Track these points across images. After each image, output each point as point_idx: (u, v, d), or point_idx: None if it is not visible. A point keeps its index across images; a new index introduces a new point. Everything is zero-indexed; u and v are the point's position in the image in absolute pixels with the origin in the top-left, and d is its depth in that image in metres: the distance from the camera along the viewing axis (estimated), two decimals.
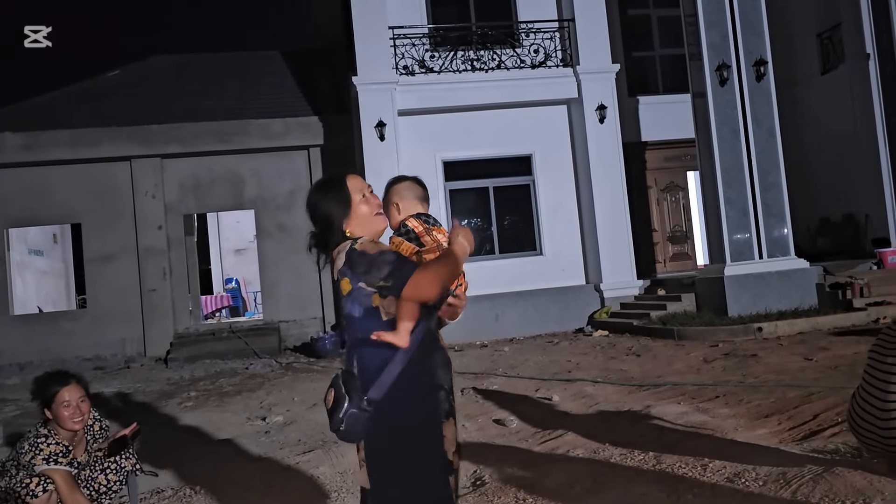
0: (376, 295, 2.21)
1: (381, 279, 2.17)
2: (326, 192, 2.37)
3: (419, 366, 2.23)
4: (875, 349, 3.57)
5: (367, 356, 2.23)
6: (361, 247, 2.23)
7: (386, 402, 2.18)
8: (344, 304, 2.29)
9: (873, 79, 12.92)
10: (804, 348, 8.35)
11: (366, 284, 2.20)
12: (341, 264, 2.25)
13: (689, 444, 4.55)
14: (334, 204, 2.33)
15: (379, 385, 2.18)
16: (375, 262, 2.18)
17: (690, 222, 14.84)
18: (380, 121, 12.19)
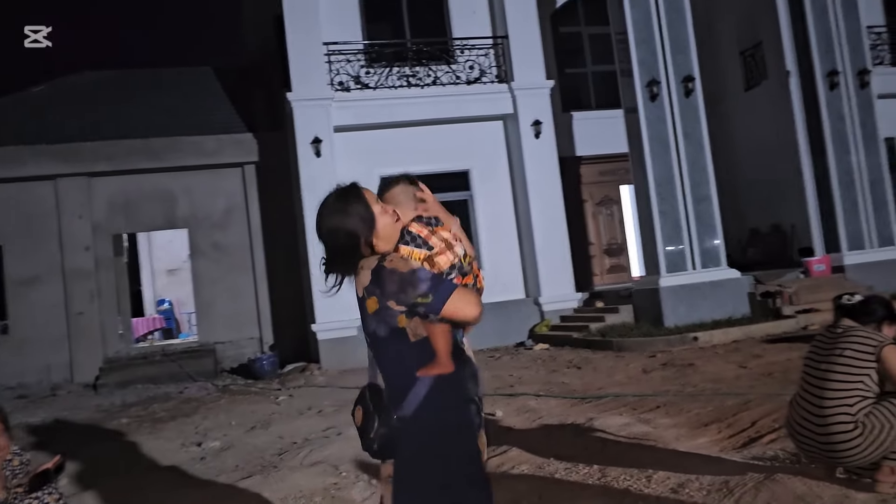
0: (402, 316, 2.13)
1: (419, 296, 2.08)
2: (347, 210, 2.21)
3: (449, 379, 2.16)
4: (809, 356, 3.66)
5: (396, 372, 2.18)
6: (391, 264, 2.13)
7: (419, 418, 2.12)
8: (368, 322, 2.19)
9: (794, 95, 13.46)
10: (739, 356, 8.57)
11: (395, 304, 2.11)
12: (367, 282, 2.15)
13: (633, 455, 4.57)
14: (359, 222, 2.19)
15: (410, 401, 2.12)
16: (410, 279, 2.10)
17: (625, 235, 15.14)
18: (316, 137, 12.03)
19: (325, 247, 2.24)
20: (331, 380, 10.64)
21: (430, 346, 2.15)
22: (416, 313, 2.12)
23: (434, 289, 2.08)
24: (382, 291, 2.11)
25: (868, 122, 13.18)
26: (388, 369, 2.21)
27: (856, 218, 12.89)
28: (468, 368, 2.24)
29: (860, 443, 3.31)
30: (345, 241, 2.19)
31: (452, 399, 2.17)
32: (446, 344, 2.15)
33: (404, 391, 2.13)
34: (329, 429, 6.68)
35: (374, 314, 2.15)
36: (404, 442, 2.13)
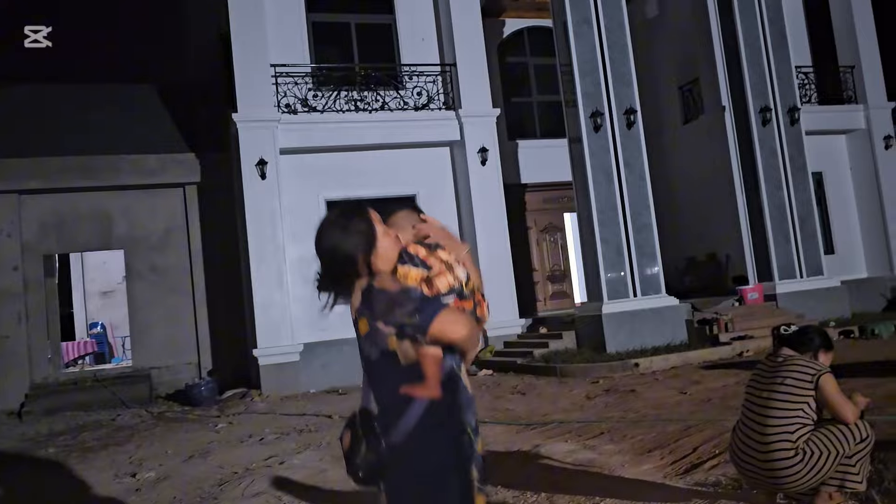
0: (393, 338, 2.07)
1: (407, 315, 2.04)
2: (349, 227, 2.16)
3: (441, 406, 2.10)
4: (751, 384, 3.75)
5: (387, 396, 2.12)
6: (381, 284, 2.10)
7: (409, 447, 2.06)
8: (362, 344, 2.15)
9: (729, 129, 13.99)
10: (678, 382, 8.74)
11: (385, 324, 2.06)
12: (358, 303, 2.11)
13: (580, 482, 4.60)
14: (360, 240, 2.15)
15: (400, 428, 2.06)
16: (398, 299, 2.05)
17: (568, 262, 15.38)
18: (261, 159, 11.88)
19: (322, 263, 2.19)
20: (272, 406, 10.41)
21: (420, 370, 2.09)
22: (405, 335, 2.06)
23: (422, 308, 2.05)
24: (372, 312, 2.07)
25: (797, 157, 13.77)
26: (379, 393, 2.16)
27: (787, 248, 13.40)
28: (462, 396, 2.18)
29: (800, 469, 3.40)
30: (343, 258, 2.14)
31: (445, 427, 2.12)
32: (435, 368, 2.09)
33: (395, 417, 2.08)
34: (271, 457, 6.52)
35: (366, 336, 2.11)
36: (393, 470, 2.08)
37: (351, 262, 2.14)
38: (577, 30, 12.15)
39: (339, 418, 8.54)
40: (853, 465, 3.45)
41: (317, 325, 12.25)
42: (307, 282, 10.77)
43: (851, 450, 3.44)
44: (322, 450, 6.69)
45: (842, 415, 3.46)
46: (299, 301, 12.20)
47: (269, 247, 11.85)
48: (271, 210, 11.93)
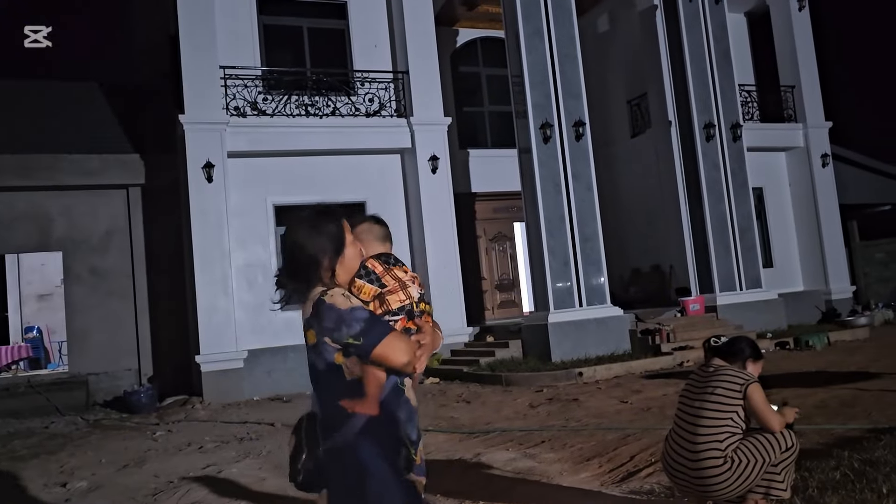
0: (339, 353, 2.09)
1: (351, 336, 2.05)
2: (320, 227, 2.16)
3: (381, 421, 2.13)
4: (683, 394, 3.84)
5: (329, 407, 2.14)
6: (331, 300, 2.08)
7: (347, 457, 2.10)
8: (309, 353, 2.17)
9: (674, 143, 14.33)
10: (620, 391, 8.88)
11: (331, 341, 2.07)
12: (308, 314, 2.12)
13: (519, 490, 4.63)
14: (328, 242, 2.16)
15: (338, 439, 2.11)
16: (345, 318, 2.05)
17: (517, 271, 15.50)
18: (208, 162, 11.68)
19: (285, 259, 2.19)
20: (213, 414, 10.21)
21: (363, 386, 2.12)
22: (350, 353, 2.09)
23: (367, 331, 2.05)
24: (320, 327, 2.09)
25: (739, 172, 14.18)
26: (323, 402, 2.18)
27: (728, 261, 13.77)
28: (403, 410, 2.21)
29: (728, 477, 3.49)
30: (308, 258, 2.14)
31: (383, 438, 2.14)
32: (376, 388, 2.12)
33: (336, 427, 2.12)
34: (209, 466, 6.39)
35: (313, 347, 2.13)
36: (332, 478, 2.13)
37: (315, 263, 2.14)
38: (528, 42, 12.30)
39: (281, 426, 8.43)
40: (779, 473, 3.56)
41: (262, 331, 12.11)
42: (252, 287, 10.63)
43: (777, 458, 3.54)
44: (262, 458, 6.59)
45: (768, 424, 3.57)
46: (244, 307, 12.03)
47: (214, 251, 11.64)
48: (217, 214, 11.73)
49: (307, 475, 2.12)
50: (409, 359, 2.10)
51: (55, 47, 12.43)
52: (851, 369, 8.88)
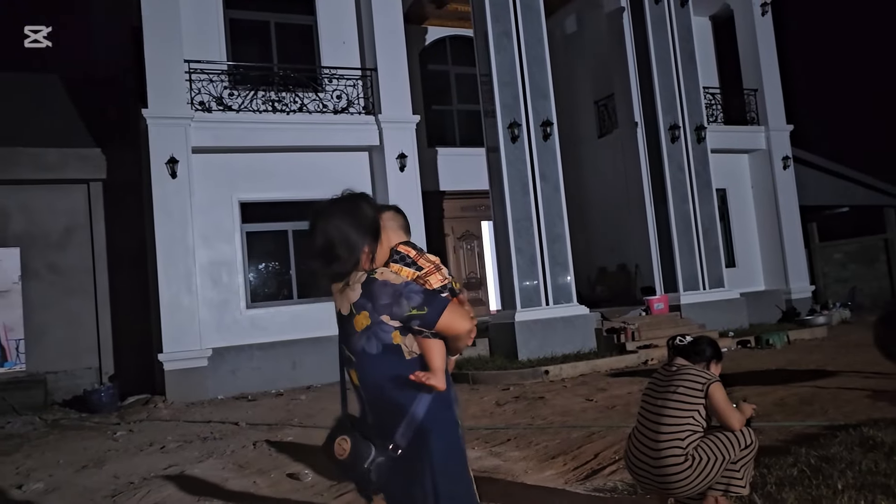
0: (397, 332, 2.07)
1: (414, 307, 2.05)
2: (363, 213, 2.15)
3: (442, 401, 2.12)
4: (647, 392, 3.88)
5: (388, 391, 2.09)
6: (383, 277, 2.09)
7: (414, 445, 2.06)
8: (356, 341, 2.10)
9: (640, 144, 14.50)
10: (586, 389, 8.96)
11: (390, 317, 2.06)
12: (356, 297, 2.09)
13: (484, 489, 4.59)
14: (370, 228, 2.14)
15: (405, 428, 2.06)
16: (403, 292, 2.06)
17: (485, 269, 15.54)
18: (172, 157, 11.49)
19: (324, 244, 2.10)
20: (176, 413, 10.06)
21: (424, 364, 2.09)
22: (410, 329, 2.07)
23: (429, 301, 2.06)
24: (375, 305, 2.07)
25: (703, 173, 14.41)
26: (378, 389, 2.11)
27: (691, 261, 13.98)
28: (453, 390, 2.22)
29: (689, 474, 3.54)
30: (353, 242, 2.10)
31: (447, 423, 2.13)
32: (442, 360, 2.11)
33: (398, 414, 2.06)
34: (171, 466, 6.29)
35: (364, 330, 2.08)
36: (405, 466, 2.06)
37: (359, 247, 2.11)
38: (497, 42, 12.33)
39: (246, 425, 8.35)
40: (738, 471, 3.62)
41: (227, 329, 11.97)
42: (217, 285, 10.49)
43: (737, 455, 3.60)
44: (226, 458, 6.51)
45: (729, 422, 3.63)
46: (209, 305, 11.87)
47: (178, 248, 11.46)
48: (181, 210, 11.55)
49: (379, 472, 2.03)
50: (471, 325, 2.13)
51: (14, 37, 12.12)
52: (810, 367, 9.07)
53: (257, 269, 12.83)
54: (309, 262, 2.16)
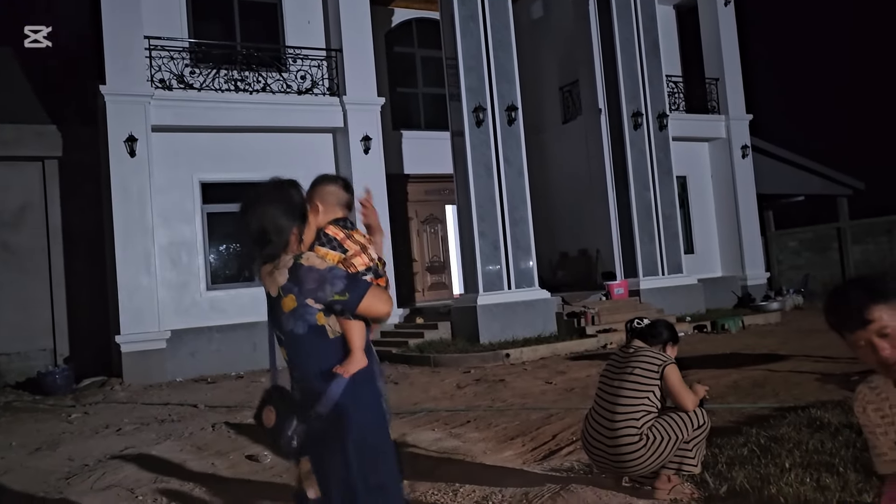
0: (321, 314, 2.20)
1: (336, 293, 2.17)
2: (288, 198, 2.29)
3: (364, 375, 2.25)
4: (604, 374, 3.96)
5: (313, 368, 2.22)
6: (308, 262, 2.20)
7: (338, 414, 2.18)
8: (285, 321, 2.23)
9: (603, 131, 14.62)
10: (545, 372, 9.07)
11: (314, 301, 2.18)
12: (284, 280, 2.20)
13: (443, 469, 4.68)
14: (296, 213, 2.27)
15: (329, 397, 2.18)
16: (327, 277, 2.18)
17: (448, 253, 15.58)
18: (130, 135, 11.25)
19: (253, 231, 2.24)
20: (134, 396, 9.93)
21: (345, 342, 2.23)
22: (333, 311, 2.19)
23: (351, 287, 2.19)
24: (300, 289, 2.18)
25: (664, 160, 14.60)
26: (304, 366, 2.25)
27: (651, 247, 14.20)
28: (376, 364, 2.38)
29: (643, 453, 3.62)
30: (278, 227, 2.22)
31: (368, 394, 2.26)
32: (361, 340, 2.24)
33: (321, 387, 2.19)
34: (127, 449, 6.22)
35: (291, 312, 2.20)
36: (325, 437, 2.19)
37: (283, 232, 2.23)
38: (463, 25, 12.29)
39: (205, 407, 8.28)
40: (690, 450, 3.71)
41: (186, 311, 11.82)
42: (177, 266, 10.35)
43: (689, 435, 3.70)
44: (184, 440, 6.46)
45: (682, 403, 3.72)
46: (168, 286, 11.70)
47: (136, 228, 11.26)
48: (140, 190, 11.33)
49: (299, 440, 2.17)
50: (391, 307, 2.29)
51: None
52: (763, 351, 9.30)
53: (218, 251, 12.66)
54: (242, 246, 2.32)
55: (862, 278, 2.14)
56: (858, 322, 2.05)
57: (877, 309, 2.03)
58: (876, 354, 2.07)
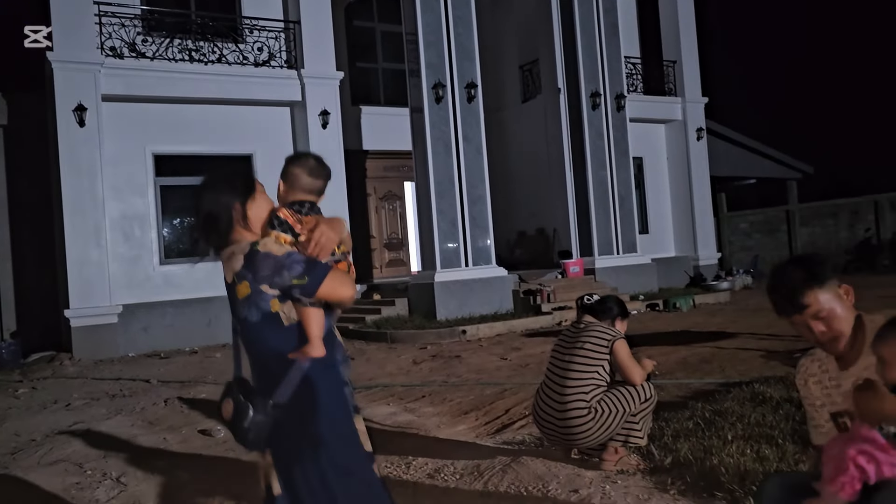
0: (275, 300, 2.13)
1: (295, 278, 2.10)
2: (230, 179, 2.26)
3: (323, 363, 2.18)
4: (556, 348, 4.02)
5: (269, 357, 2.18)
6: (265, 248, 2.13)
7: (295, 404, 2.13)
8: (240, 308, 2.17)
9: (562, 110, 14.69)
10: (501, 349, 9.18)
11: (269, 287, 2.11)
12: (238, 267, 2.14)
13: (396, 443, 4.72)
14: (239, 191, 2.22)
15: (285, 387, 2.13)
16: (284, 263, 2.11)
17: (406, 230, 15.56)
18: (80, 104, 10.92)
19: (199, 213, 2.23)
20: (84, 371, 9.75)
21: (303, 330, 2.16)
22: (291, 296, 2.13)
23: (310, 271, 2.11)
24: (255, 275, 2.11)
25: (621, 141, 14.77)
26: (260, 355, 2.20)
27: (607, 226, 14.39)
28: (339, 352, 2.28)
29: (592, 426, 3.71)
30: (221, 207, 2.19)
31: (327, 383, 2.19)
32: (319, 327, 2.17)
33: (278, 377, 2.13)
34: (76, 424, 6.12)
35: (245, 299, 2.15)
36: (283, 428, 2.14)
37: (227, 211, 2.18)
38: (424, 0, 12.18)
39: (157, 383, 8.18)
40: (637, 423, 3.81)
41: (139, 286, 11.61)
42: (129, 240, 10.14)
43: (637, 408, 3.79)
44: (135, 415, 6.39)
45: (630, 377, 3.81)
46: (119, 260, 11.47)
47: (86, 200, 10.97)
48: (90, 161, 11.03)
49: (258, 430, 2.11)
50: (353, 291, 2.21)
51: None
52: (712, 329, 9.55)
53: (172, 225, 12.44)
54: (192, 234, 2.28)
55: (800, 260, 2.23)
56: (796, 307, 2.14)
57: (811, 294, 2.12)
58: (813, 334, 2.17)
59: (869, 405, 1.95)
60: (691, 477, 3.50)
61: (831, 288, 2.13)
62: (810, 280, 2.11)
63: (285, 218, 2.33)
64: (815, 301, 2.11)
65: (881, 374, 2.03)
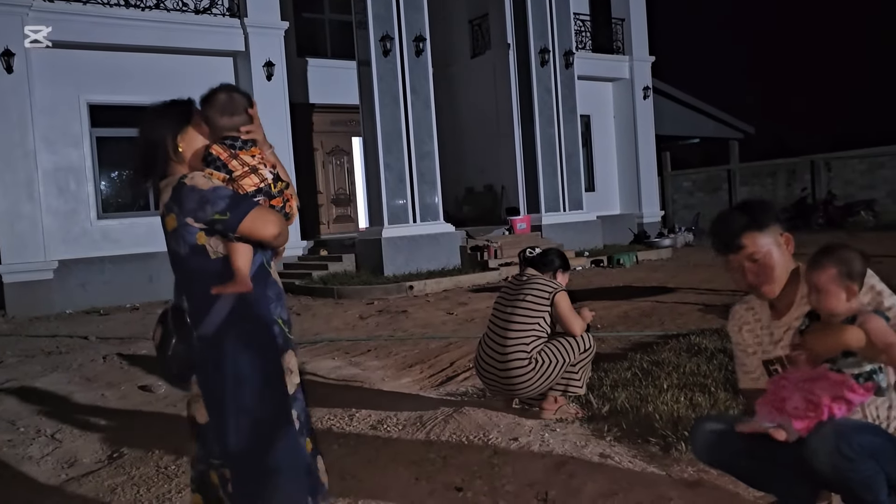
0: (202, 233, 2.13)
1: (217, 212, 2.08)
2: (166, 111, 2.25)
3: (251, 299, 2.17)
4: (498, 301, 4.06)
5: (196, 290, 2.17)
6: (192, 182, 2.12)
7: (220, 337, 2.13)
8: (168, 240, 2.19)
9: (511, 66, 14.61)
10: (447, 304, 9.24)
11: (194, 221, 2.11)
12: (167, 199, 2.14)
13: (339, 396, 4.73)
14: (172, 123, 2.22)
15: (211, 319, 2.13)
16: (209, 197, 2.09)
17: (354, 186, 15.39)
18: (6, 49, 10.36)
19: (137, 150, 2.25)
20: (18, 328, 9.46)
21: (230, 264, 2.15)
22: (216, 231, 2.11)
23: (233, 206, 2.10)
24: (181, 209, 2.11)
25: (569, 98, 14.80)
26: (188, 288, 2.20)
27: (554, 183, 14.49)
28: (272, 289, 2.25)
29: (532, 376, 3.77)
30: (150, 143, 2.21)
31: (254, 318, 2.18)
32: (245, 263, 2.15)
33: (205, 310, 2.14)
34: (9, 381, 5.95)
35: (173, 232, 2.15)
36: (207, 361, 2.13)
37: (155, 147, 2.19)
38: None
39: (96, 339, 8.00)
40: (576, 373, 3.89)
41: (75, 241, 11.25)
42: (64, 193, 9.78)
43: (576, 359, 3.87)
44: (72, 372, 6.24)
45: (571, 328, 3.87)
46: (54, 214, 11.07)
47: (16, 152, 10.50)
48: (20, 110, 10.53)
49: (179, 362, 2.12)
50: (278, 230, 2.16)
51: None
52: (653, 284, 9.78)
53: (110, 178, 12.03)
54: (131, 167, 2.25)
55: (746, 203, 2.29)
56: (733, 246, 2.19)
57: (750, 235, 2.17)
58: (746, 278, 2.22)
59: (825, 342, 2.02)
60: (627, 424, 3.60)
61: (772, 234, 2.19)
62: (751, 223, 2.17)
63: (217, 154, 2.25)
64: (752, 243, 2.16)
65: (815, 304, 2.10)
